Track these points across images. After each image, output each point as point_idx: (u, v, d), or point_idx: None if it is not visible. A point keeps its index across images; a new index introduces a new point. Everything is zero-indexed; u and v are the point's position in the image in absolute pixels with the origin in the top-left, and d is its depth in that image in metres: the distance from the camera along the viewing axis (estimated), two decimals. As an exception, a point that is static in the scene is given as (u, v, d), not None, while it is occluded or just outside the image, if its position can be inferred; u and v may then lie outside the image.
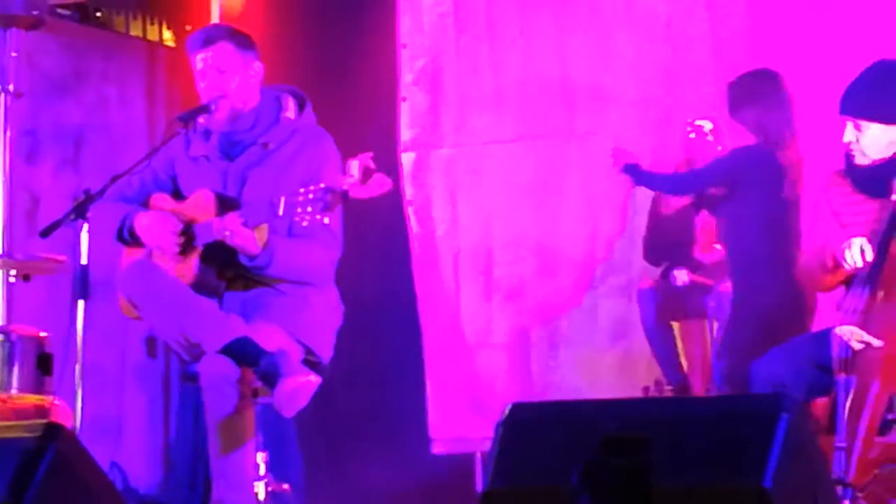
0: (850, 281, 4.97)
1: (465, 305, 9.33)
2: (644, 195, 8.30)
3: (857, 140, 5.13)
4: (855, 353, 4.82)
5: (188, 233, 5.45)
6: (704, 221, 7.75)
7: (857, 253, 4.90)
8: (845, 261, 4.95)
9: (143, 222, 5.51)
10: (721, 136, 7.82)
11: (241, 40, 5.69)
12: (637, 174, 7.10)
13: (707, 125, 7.77)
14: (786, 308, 6.44)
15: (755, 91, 7.25)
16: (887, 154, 5.09)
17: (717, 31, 8.79)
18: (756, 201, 6.94)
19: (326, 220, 5.20)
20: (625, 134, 8.36)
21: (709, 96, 8.48)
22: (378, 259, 8.68)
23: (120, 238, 5.53)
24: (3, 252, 6.88)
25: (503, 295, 9.24)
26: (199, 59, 5.59)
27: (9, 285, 6.92)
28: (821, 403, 5.03)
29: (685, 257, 7.87)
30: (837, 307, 5.07)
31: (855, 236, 4.96)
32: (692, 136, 7.92)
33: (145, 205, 5.68)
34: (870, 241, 4.92)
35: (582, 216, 8.77)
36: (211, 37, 5.65)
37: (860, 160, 5.14)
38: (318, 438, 7.53)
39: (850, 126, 5.13)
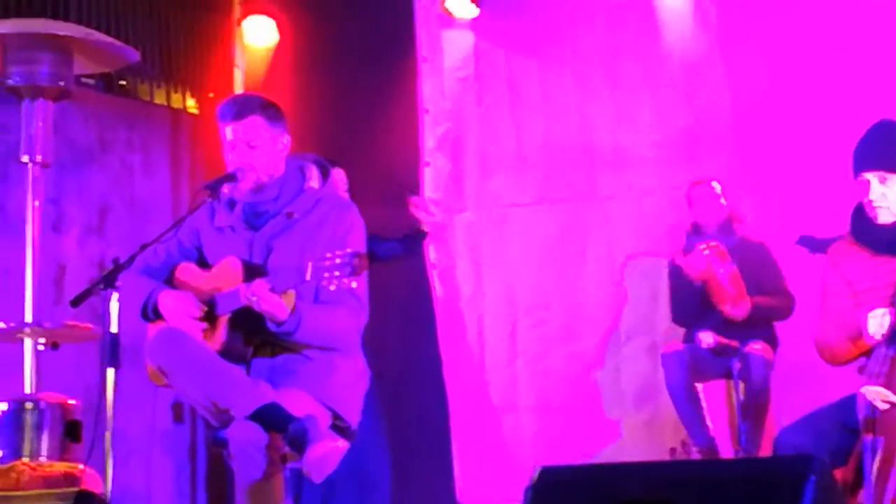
0: (872, 349, 4.97)
1: (490, 369, 9.34)
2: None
3: (885, 195, 5.08)
4: (881, 413, 4.75)
5: (211, 308, 5.49)
6: (732, 275, 7.68)
7: (882, 323, 4.91)
8: (869, 333, 4.95)
9: (166, 302, 5.54)
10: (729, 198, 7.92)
11: (272, 113, 5.67)
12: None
13: (718, 187, 7.92)
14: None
15: None
16: None
17: (736, 95, 8.87)
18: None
19: (354, 285, 5.19)
20: (650, 200, 8.52)
21: (728, 159, 8.64)
22: (403, 323, 8.61)
23: (144, 315, 5.57)
24: (32, 321, 6.75)
25: (528, 358, 9.24)
26: (230, 131, 5.60)
27: (37, 353, 6.79)
28: (845, 469, 4.95)
29: (712, 316, 7.80)
30: (860, 371, 5.06)
31: (873, 302, 4.97)
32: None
33: (171, 276, 5.72)
34: (891, 303, 4.89)
35: (605, 278, 8.80)
36: (242, 110, 5.64)
37: (884, 218, 5.08)
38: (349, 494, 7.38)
39: (874, 181, 5.08)
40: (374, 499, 7.24)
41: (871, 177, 5.05)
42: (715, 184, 7.94)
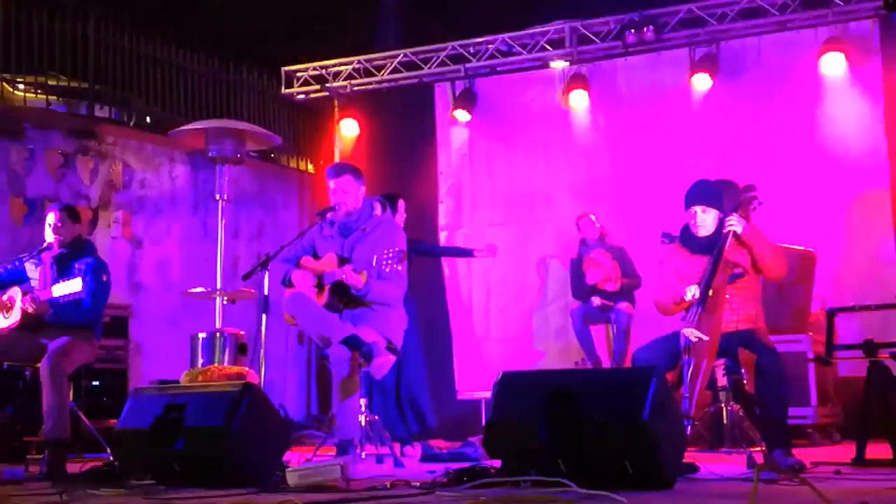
0: (689, 307, 4.90)
1: (475, 317, 9.78)
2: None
3: (704, 220, 4.97)
4: (693, 343, 4.79)
5: (319, 281, 5.47)
6: (613, 266, 7.79)
7: (694, 294, 4.85)
8: (685, 297, 4.93)
9: (296, 277, 5.51)
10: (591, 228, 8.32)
11: (357, 173, 5.68)
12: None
13: (593, 216, 8.14)
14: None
15: None
16: (713, 229, 4.98)
17: (613, 163, 9.09)
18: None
19: (399, 268, 5.25)
20: (564, 223, 8.76)
21: (604, 199, 8.92)
22: (428, 290, 8.73)
23: (283, 284, 5.55)
24: (220, 287, 7.06)
25: (496, 311, 9.68)
26: (332, 183, 5.60)
27: (223, 306, 7.02)
28: (672, 374, 4.84)
29: (596, 290, 7.92)
30: (682, 319, 4.96)
31: (689, 281, 4.96)
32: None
33: (298, 262, 5.61)
34: (698, 282, 4.90)
35: (539, 267, 9.39)
36: (340, 171, 5.68)
37: (702, 233, 5.02)
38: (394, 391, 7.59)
39: (699, 211, 4.98)
40: (412, 389, 7.07)
41: (698, 209, 5.01)
42: (592, 216, 8.25)
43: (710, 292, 4.84)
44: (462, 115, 9.65)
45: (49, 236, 5.65)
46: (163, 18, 11.01)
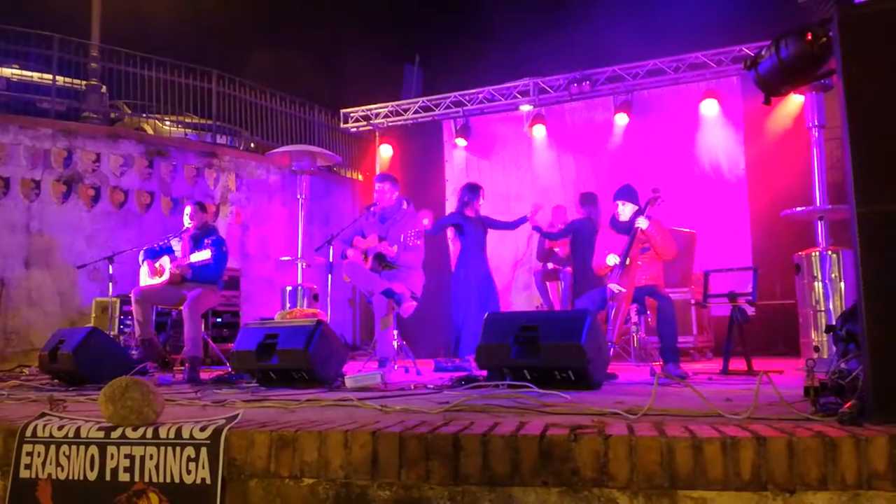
0: (612, 269, 4.81)
1: None
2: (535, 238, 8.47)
3: (623, 210, 4.96)
4: (616, 293, 4.74)
5: (366, 253, 5.42)
6: (563, 243, 7.57)
7: (613, 259, 4.81)
8: (607, 263, 4.85)
9: (350, 252, 5.47)
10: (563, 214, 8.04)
11: (394, 181, 5.68)
12: (540, 231, 7.03)
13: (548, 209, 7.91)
14: (590, 280, 5.85)
15: (589, 200, 7.04)
16: (629, 217, 4.91)
17: (562, 175, 9.03)
18: (581, 239, 6.78)
19: (419, 242, 5.30)
20: (532, 214, 8.35)
21: (556, 197, 8.70)
22: (437, 259, 8.56)
23: (341, 257, 5.52)
24: (301, 256, 6.68)
25: None
26: (378, 185, 5.60)
27: (303, 269, 6.68)
28: (601, 314, 4.80)
29: (552, 255, 7.82)
30: (608, 279, 4.85)
31: (612, 253, 4.87)
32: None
33: (352, 241, 5.54)
34: (620, 253, 4.81)
35: (517, 242, 9.06)
36: (383, 179, 5.64)
37: (622, 218, 4.97)
38: (417, 322, 7.42)
39: (620, 204, 4.99)
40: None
41: (619, 202, 5.00)
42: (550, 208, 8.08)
43: (628, 261, 4.79)
44: (461, 142, 9.73)
45: (187, 222, 5.64)
46: (261, 75, 10.97)
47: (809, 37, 2.58)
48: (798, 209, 5.48)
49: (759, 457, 1.79)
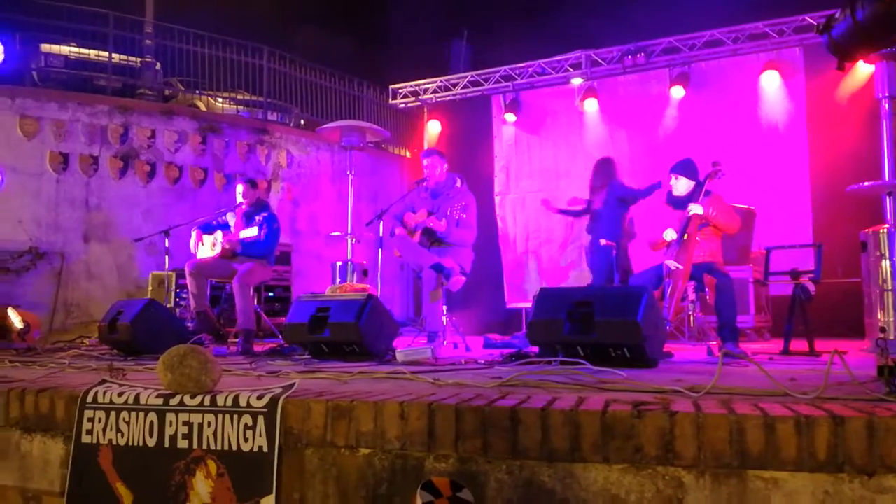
0: (669, 245, 4.77)
1: (518, 252, 9.54)
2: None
3: (676, 185, 4.92)
4: (672, 270, 4.67)
5: (415, 228, 5.44)
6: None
7: (671, 234, 4.75)
8: (664, 238, 4.81)
9: (398, 230, 5.50)
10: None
11: (441, 155, 5.66)
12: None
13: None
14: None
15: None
16: (685, 192, 4.86)
17: (619, 155, 8.58)
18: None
19: (464, 216, 5.26)
20: (580, 189, 7.77)
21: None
22: (486, 235, 8.32)
23: (390, 235, 5.52)
24: (350, 232, 6.69)
25: (532, 249, 9.49)
26: (425, 161, 5.60)
27: (353, 244, 6.68)
28: (658, 291, 4.71)
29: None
30: (664, 254, 4.79)
31: (669, 228, 4.81)
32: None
33: (403, 217, 5.57)
34: (678, 230, 4.73)
35: (564, 219, 8.62)
36: (429, 154, 5.65)
37: (676, 192, 4.92)
38: (465, 300, 7.55)
39: (673, 177, 4.94)
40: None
41: (672, 176, 4.94)
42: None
43: (685, 237, 4.69)
44: (510, 117, 9.63)
45: (239, 198, 5.70)
46: (312, 52, 10.89)
47: (888, -3, 2.46)
48: (866, 184, 5.25)
49: (836, 437, 1.71)
